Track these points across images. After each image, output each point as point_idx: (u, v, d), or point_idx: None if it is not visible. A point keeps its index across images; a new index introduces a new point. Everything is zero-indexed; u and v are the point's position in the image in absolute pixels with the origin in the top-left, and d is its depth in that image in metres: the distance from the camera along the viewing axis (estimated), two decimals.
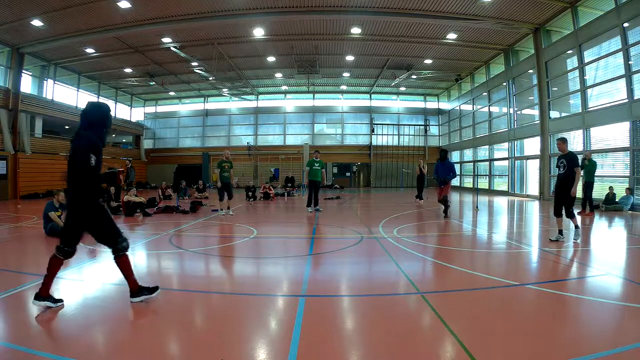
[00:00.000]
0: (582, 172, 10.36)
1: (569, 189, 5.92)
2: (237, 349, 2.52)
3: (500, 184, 20.15)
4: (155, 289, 3.41)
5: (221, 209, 9.82)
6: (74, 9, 12.98)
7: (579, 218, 9.35)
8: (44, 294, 3.11)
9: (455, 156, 25.73)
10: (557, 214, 6.20)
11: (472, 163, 22.41)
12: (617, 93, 11.93)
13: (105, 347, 2.56)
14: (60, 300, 3.20)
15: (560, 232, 6.11)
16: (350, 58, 19.62)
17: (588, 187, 10.22)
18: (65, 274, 4.25)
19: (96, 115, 3.34)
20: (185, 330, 2.84)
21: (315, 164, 10.72)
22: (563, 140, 6.21)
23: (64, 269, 4.55)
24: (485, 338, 2.64)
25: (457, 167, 27.81)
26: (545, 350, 2.44)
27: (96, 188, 3.28)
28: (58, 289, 3.73)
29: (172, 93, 26.49)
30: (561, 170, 6.06)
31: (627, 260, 5.23)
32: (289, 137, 27.31)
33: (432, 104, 27.76)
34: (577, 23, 13.19)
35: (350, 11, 13.87)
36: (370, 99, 27.07)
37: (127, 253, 3.32)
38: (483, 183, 21.03)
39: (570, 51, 13.82)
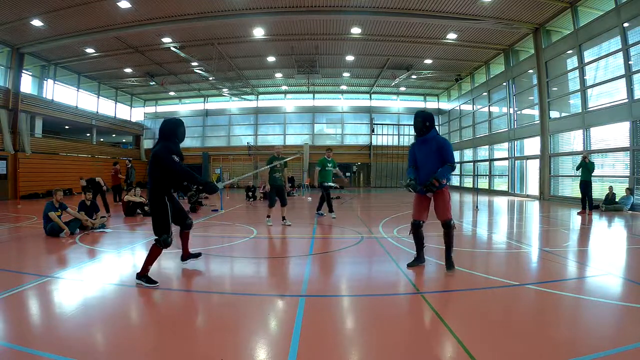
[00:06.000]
0: (579, 172, 10.44)
1: None
2: (237, 349, 2.52)
3: (500, 184, 20.15)
4: (154, 282, 3.85)
5: (268, 216, 8.01)
6: (74, 9, 12.97)
7: (578, 218, 9.40)
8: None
9: (455, 156, 25.64)
10: None
11: (472, 163, 22.41)
12: (617, 93, 11.93)
13: (105, 347, 2.56)
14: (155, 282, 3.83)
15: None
16: (350, 58, 19.62)
17: (587, 186, 10.22)
18: (66, 274, 4.26)
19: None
20: (185, 330, 2.84)
21: (328, 164, 9.50)
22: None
23: (64, 269, 4.56)
24: (485, 338, 2.64)
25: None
26: (545, 350, 2.44)
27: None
28: (58, 289, 3.74)
29: (172, 93, 26.49)
30: None
31: (627, 260, 5.22)
32: (289, 137, 27.30)
33: (432, 104, 27.73)
34: (577, 23, 13.19)
35: (350, 11, 13.87)
36: (370, 99, 27.07)
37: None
38: (483, 183, 21.03)
39: (570, 51, 13.82)
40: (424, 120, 4.28)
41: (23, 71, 17.03)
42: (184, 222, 4.41)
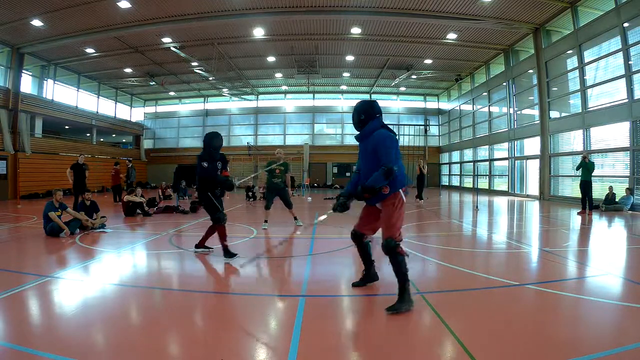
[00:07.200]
0: (579, 172, 10.43)
1: None
2: (237, 349, 2.52)
3: (500, 184, 20.15)
4: (234, 254, 4.88)
5: (265, 221, 7.70)
6: (74, 9, 12.98)
7: (578, 218, 9.40)
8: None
9: (455, 156, 25.68)
10: None
11: (472, 163, 22.42)
12: (617, 93, 11.93)
13: (105, 347, 2.56)
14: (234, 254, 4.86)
15: None
16: (350, 58, 19.61)
17: (587, 186, 10.22)
18: (66, 274, 4.26)
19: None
20: (185, 330, 2.84)
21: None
22: None
23: (64, 269, 4.57)
24: (485, 338, 2.64)
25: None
26: (545, 350, 2.44)
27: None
28: (58, 289, 3.74)
29: (172, 93, 26.49)
30: None
31: (627, 260, 5.22)
32: (289, 137, 27.31)
33: (432, 104, 27.75)
34: (577, 23, 13.19)
35: (350, 11, 13.87)
36: (370, 99, 27.02)
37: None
38: (483, 183, 21.02)
39: (570, 51, 13.82)
40: (358, 112, 3.35)
41: (23, 71, 17.02)
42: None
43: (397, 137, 3.38)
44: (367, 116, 3.33)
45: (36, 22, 13.87)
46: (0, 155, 15.83)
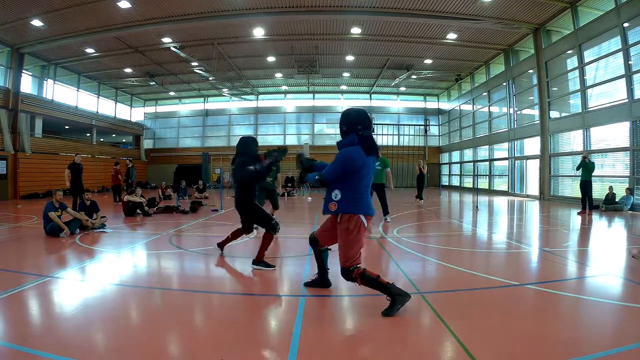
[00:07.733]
0: (579, 172, 10.43)
1: None
2: (237, 349, 2.52)
3: (500, 184, 20.15)
4: (272, 266, 4.48)
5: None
6: (74, 9, 12.97)
7: (578, 218, 9.40)
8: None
9: (455, 156, 25.68)
10: None
11: (472, 163, 22.42)
12: (617, 93, 11.93)
13: (105, 347, 2.56)
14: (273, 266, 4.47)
15: None
16: (350, 58, 19.61)
17: (587, 186, 10.22)
18: (66, 274, 4.26)
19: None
20: (185, 330, 2.84)
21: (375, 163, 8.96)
22: None
23: (64, 269, 4.57)
24: (485, 338, 2.64)
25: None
26: (545, 350, 2.44)
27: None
28: (58, 289, 3.74)
29: (172, 93, 26.48)
30: None
31: (627, 261, 5.22)
32: (289, 137, 27.31)
33: (432, 104, 27.74)
34: (577, 23, 13.19)
35: (350, 11, 13.87)
36: (370, 99, 27.06)
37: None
38: (483, 183, 21.02)
39: (570, 51, 13.82)
40: (340, 123, 3.36)
41: (23, 71, 17.01)
42: (249, 227, 5.05)
43: (373, 155, 3.32)
44: (348, 128, 3.28)
45: (36, 22, 13.86)
46: (0, 155, 15.82)
